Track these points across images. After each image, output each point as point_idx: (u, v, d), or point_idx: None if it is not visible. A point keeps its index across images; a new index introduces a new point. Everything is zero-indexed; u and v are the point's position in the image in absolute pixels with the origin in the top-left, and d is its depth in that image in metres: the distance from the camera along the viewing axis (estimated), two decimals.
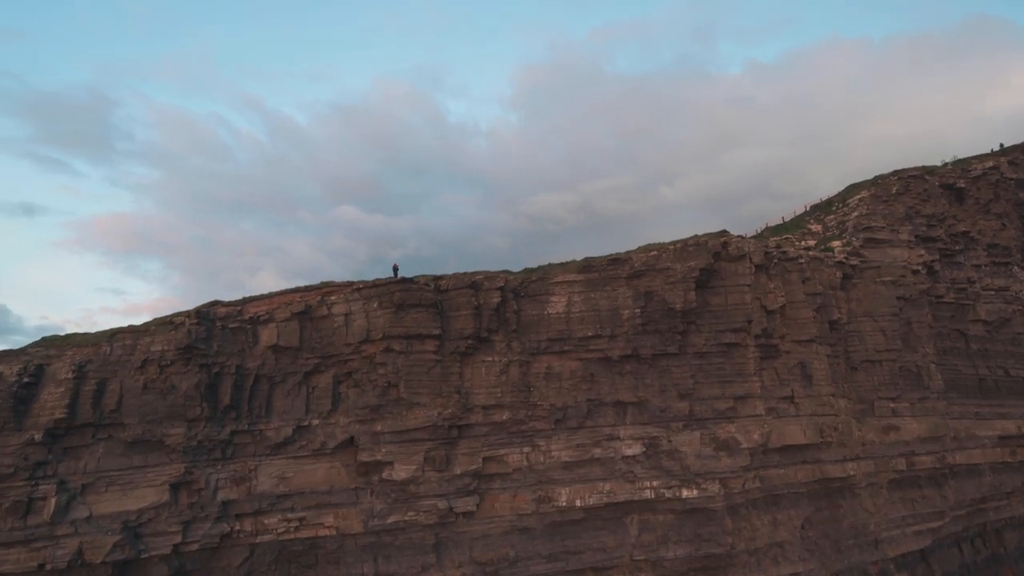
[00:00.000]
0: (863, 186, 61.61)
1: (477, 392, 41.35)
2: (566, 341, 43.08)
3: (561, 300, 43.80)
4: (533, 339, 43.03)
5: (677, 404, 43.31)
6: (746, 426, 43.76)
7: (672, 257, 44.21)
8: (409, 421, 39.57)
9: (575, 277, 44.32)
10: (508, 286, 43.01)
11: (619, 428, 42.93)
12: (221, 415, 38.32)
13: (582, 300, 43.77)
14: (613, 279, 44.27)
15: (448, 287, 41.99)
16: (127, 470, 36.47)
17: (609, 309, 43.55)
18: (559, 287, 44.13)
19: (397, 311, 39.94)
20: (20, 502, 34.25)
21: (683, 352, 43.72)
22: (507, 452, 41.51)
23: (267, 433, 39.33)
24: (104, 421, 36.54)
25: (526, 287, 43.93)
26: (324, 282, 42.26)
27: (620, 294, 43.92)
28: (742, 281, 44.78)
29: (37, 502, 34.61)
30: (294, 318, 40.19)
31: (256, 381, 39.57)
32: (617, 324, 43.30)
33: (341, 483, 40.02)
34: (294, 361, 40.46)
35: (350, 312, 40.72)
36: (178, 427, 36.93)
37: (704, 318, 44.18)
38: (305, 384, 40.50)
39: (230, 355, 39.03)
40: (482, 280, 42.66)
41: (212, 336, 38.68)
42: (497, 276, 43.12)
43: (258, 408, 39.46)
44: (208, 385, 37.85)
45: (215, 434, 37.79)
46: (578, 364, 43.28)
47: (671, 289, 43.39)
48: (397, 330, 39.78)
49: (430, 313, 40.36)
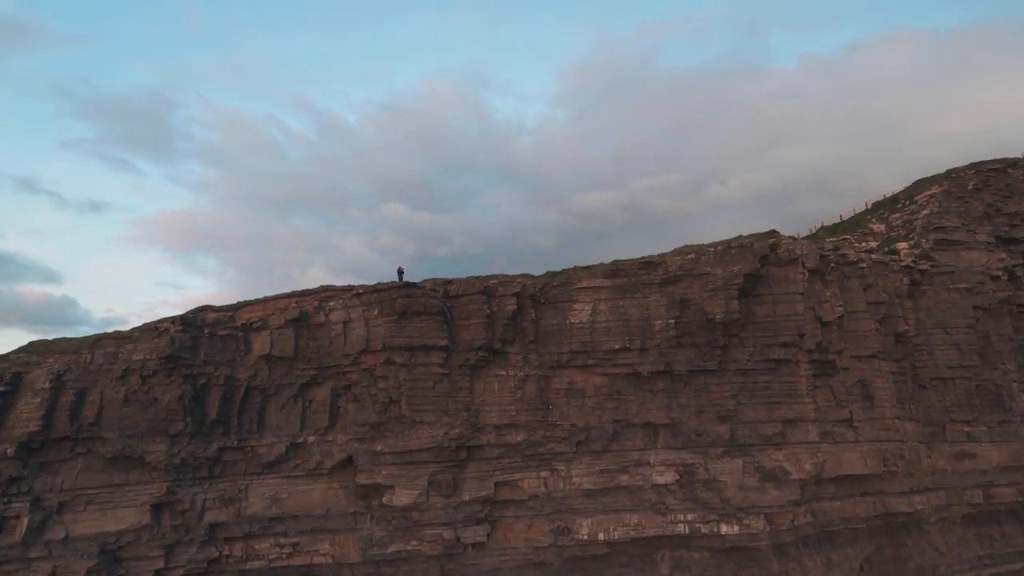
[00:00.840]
0: (934, 181, 54.51)
1: (489, 410, 37.20)
2: (590, 354, 38.51)
3: (585, 308, 39.23)
4: (553, 351, 38.61)
5: (716, 427, 38.23)
6: (796, 453, 38.39)
7: (712, 261, 39.06)
8: (411, 441, 35.72)
9: (601, 282, 39.67)
10: (525, 292, 38.70)
11: (649, 453, 38.15)
12: (208, 430, 35.25)
13: (609, 308, 39.11)
14: (644, 285, 39.43)
15: (458, 293, 37.93)
16: (106, 488, 33.74)
17: (639, 319, 38.75)
18: (583, 293, 39.57)
19: (399, 319, 36.09)
20: None
21: (724, 369, 38.57)
22: (522, 477, 37.28)
23: (259, 450, 36.10)
24: (82, 435, 33.90)
25: (546, 293, 39.53)
26: (324, 286, 38.75)
27: (652, 302, 39.05)
28: (793, 288, 39.26)
29: (9, 521, 32.17)
30: (288, 325, 36.81)
31: (247, 393, 36.37)
32: (648, 336, 38.47)
33: (338, 506, 36.53)
34: (289, 372, 37.10)
35: (349, 319, 37.10)
36: (159, 443, 33.99)
37: (748, 330, 38.89)
38: (301, 397, 37.10)
39: (219, 365, 35.90)
40: (496, 285, 38.46)
41: (199, 344, 35.61)
42: (513, 281, 38.86)
43: (249, 423, 36.26)
44: (193, 398, 34.80)
45: (201, 451, 34.72)
46: (603, 380, 38.66)
47: (710, 297, 38.27)
48: (398, 340, 35.93)
49: (436, 322, 36.37)
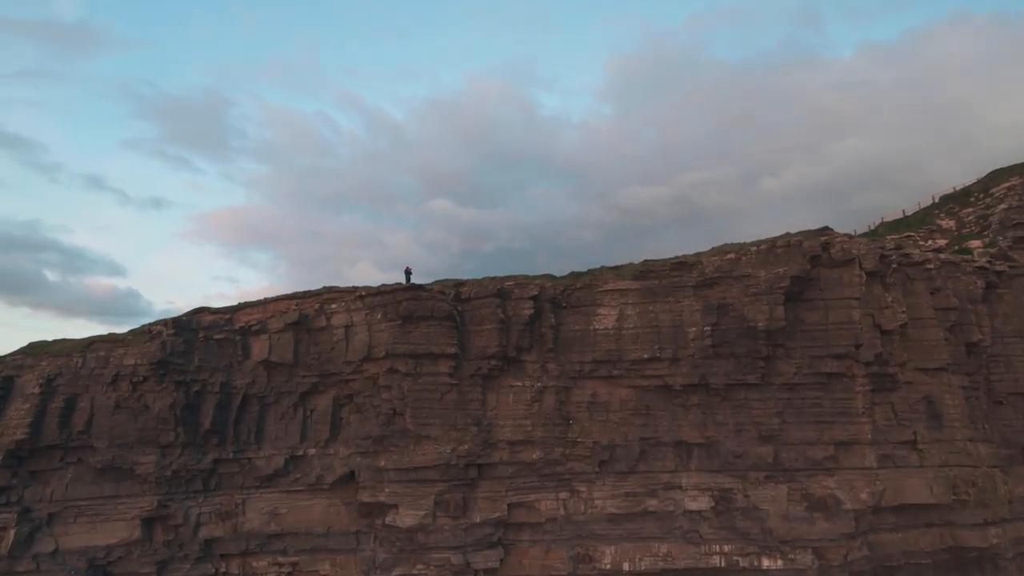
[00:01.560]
0: (1012, 172, 48.56)
1: (502, 424, 33.99)
2: (616, 364, 34.84)
3: (611, 313, 35.56)
4: (575, 360, 35.10)
5: (758, 449, 34.03)
6: (851, 480, 33.86)
7: (754, 261, 34.80)
8: (416, 457, 32.81)
9: (629, 285, 35.92)
10: (544, 295, 35.28)
11: (681, 475, 34.27)
12: (202, 441, 33.17)
13: (637, 313, 35.33)
14: (677, 288, 35.48)
15: (470, 295, 34.81)
16: (97, 500, 32.04)
17: (671, 325, 34.85)
18: (609, 297, 35.90)
19: (403, 324, 33.20)
20: None
21: (767, 383, 34.31)
22: (538, 498, 33.97)
23: (256, 462, 33.85)
24: (72, 443, 32.28)
25: (568, 296, 36.03)
26: (326, 287, 36.26)
27: (686, 307, 35.08)
28: (849, 293, 34.63)
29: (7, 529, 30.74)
30: (288, 329, 34.42)
31: (245, 402, 34.15)
32: (681, 344, 34.55)
33: (340, 524, 33.99)
34: (288, 379, 34.72)
35: (351, 324, 34.44)
36: (150, 454, 32.06)
37: (796, 340, 34.48)
38: (301, 407, 34.68)
39: (214, 371, 33.79)
40: (511, 288, 35.16)
41: (193, 349, 33.56)
42: (530, 283, 35.48)
43: (246, 433, 34.04)
44: (186, 406, 32.75)
45: (194, 463, 32.65)
46: (630, 393, 34.95)
47: (753, 302, 34.04)
48: (402, 347, 33.04)
49: (444, 327, 33.32)
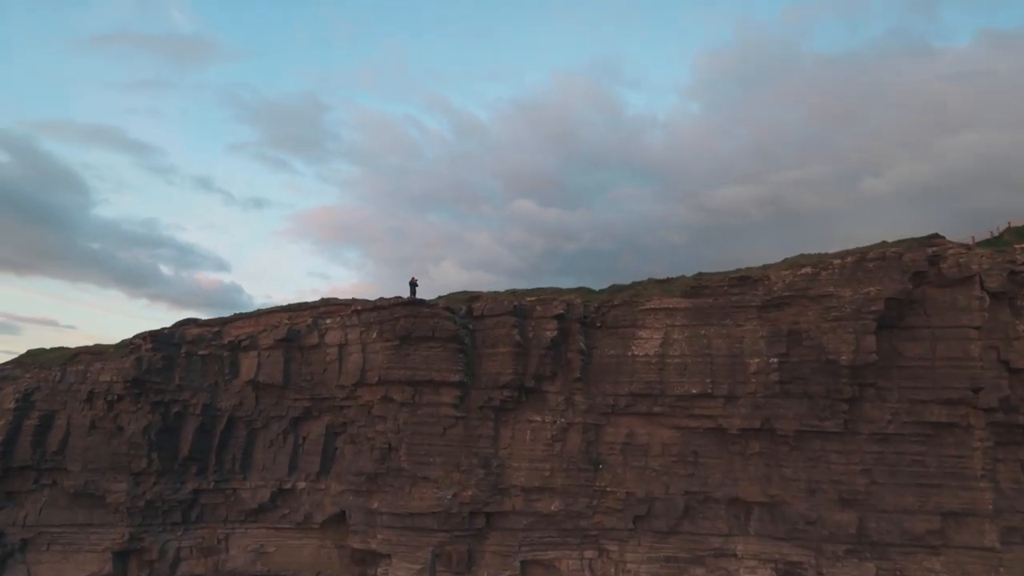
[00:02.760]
0: None
1: (516, 466, 28.63)
2: (658, 399, 28.70)
3: (654, 337, 29.40)
4: (608, 392, 29.23)
5: (837, 514, 26.86)
6: (964, 563, 26.11)
7: (838, 278, 27.56)
8: (413, 502, 28.00)
9: (677, 303, 29.59)
10: (571, 313, 29.58)
11: (736, 540, 27.69)
12: (180, 468, 29.84)
13: (687, 338, 28.97)
14: (737, 308, 28.81)
15: (483, 313, 29.63)
16: (69, 528, 29.38)
17: (728, 354, 28.28)
18: (652, 317, 29.73)
19: (400, 345, 28.45)
20: None
21: (851, 432, 27.06)
22: (558, 556, 28.44)
23: (242, 494, 30.22)
24: (45, 465, 29.77)
25: (602, 314, 30.15)
26: (324, 299, 32.10)
27: (748, 332, 28.38)
28: (966, 320, 26.69)
29: None
30: (278, 346, 30.53)
31: (230, 426, 30.59)
32: (740, 379, 27.92)
33: (331, 569, 29.86)
34: (279, 402, 30.86)
35: (346, 342, 30.09)
36: (121, 481, 29.04)
37: (892, 379, 26.97)
38: (292, 433, 30.74)
39: (196, 391, 30.40)
40: (532, 304, 29.68)
41: (174, 365, 30.29)
42: (555, 299, 29.81)
43: (230, 461, 30.46)
44: (163, 429, 29.53)
45: (170, 492, 29.37)
46: (675, 435, 28.70)
47: (834, 329, 26.89)
48: (398, 372, 28.32)
49: (448, 350, 28.29)
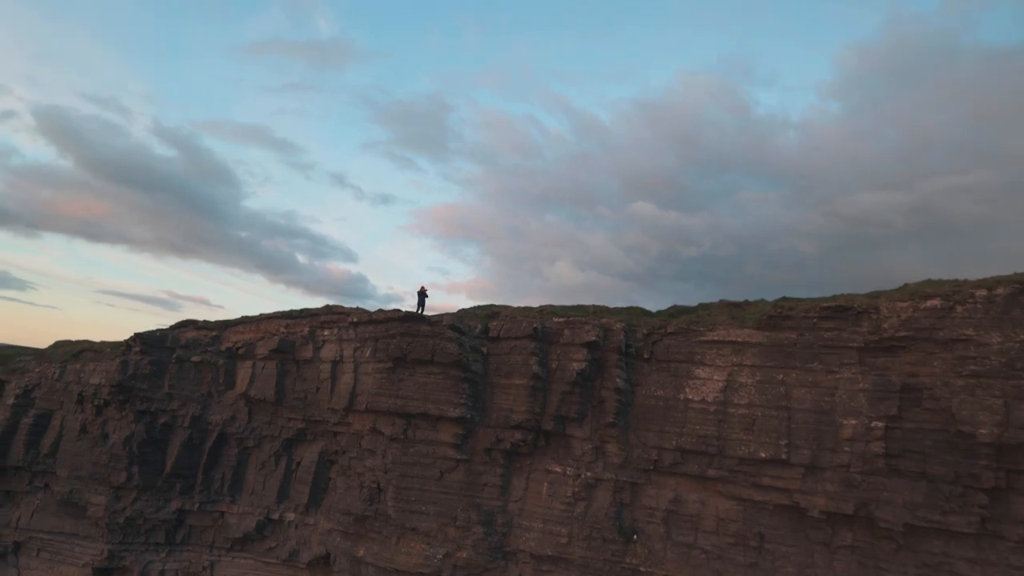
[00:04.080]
0: None
1: (526, 526, 23.16)
2: (716, 459, 22.10)
3: (716, 377, 22.75)
4: (651, 443, 23.01)
5: None
6: None
7: (982, 316, 19.50)
8: (399, 556, 23.35)
9: (749, 335, 22.69)
10: (609, 341, 23.56)
11: None
12: (164, 485, 27.16)
13: (758, 384, 22.07)
14: (831, 349, 21.45)
15: (498, 334, 24.34)
16: (57, 536, 27.64)
17: (814, 410, 21.09)
18: (715, 352, 23.05)
19: (394, 369, 23.83)
20: None
21: (992, 534, 19.03)
22: None
23: (229, 519, 27.10)
24: (37, 467, 28.24)
25: (651, 344, 23.88)
26: (329, 306, 28.14)
27: (844, 383, 21.00)
28: None
29: None
30: (272, 357, 27.04)
31: (221, 442, 27.55)
32: (829, 444, 20.67)
33: None
34: (272, 421, 27.40)
35: (340, 358, 25.97)
36: (101, 494, 26.80)
37: None
38: (285, 456, 27.16)
39: (187, 401, 27.62)
40: (559, 327, 23.96)
41: (163, 372, 27.67)
42: (586, 324, 23.84)
43: (218, 481, 27.42)
44: (148, 441, 26.95)
45: (153, 511, 26.77)
46: (735, 509, 21.95)
47: (972, 389, 18.96)
48: (387, 400, 23.72)
49: (450, 378, 23.28)
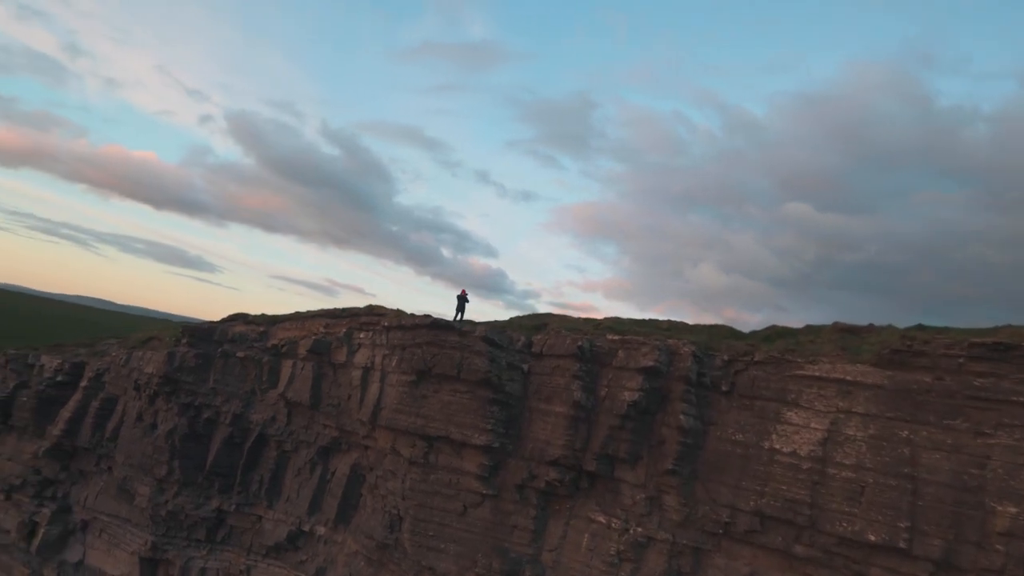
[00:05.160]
0: None
1: None
2: (806, 533, 16.77)
3: (814, 425, 17.33)
4: (723, 501, 18.16)
5: None
6: None
7: None
8: None
9: (864, 373, 16.98)
10: (675, 367, 18.93)
11: None
12: (205, 482, 26.43)
13: (870, 440, 16.39)
14: (981, 402, 15.27)
15: (542, 350, 20.54)
16: (116, 519, 28.03)
17: (954, 485, 15.13)
18: (816, 391, 17.59)
19: (417, 382, 20.86)
20: (24, 522, 29.12)
21: None
22: None
23: (265, 524, 25.86)
24: (101, 450, 28.80)
25: (732, 374, 18.92)
26: (371, 306, 25.81)
27: (1000, 452, 14.80)
28: None
29: (37, 526, 29.02)
30: (309, 358, 25.27)
31: (261, 443, 26.34)
32: (973, 535, 14.69)
33: None
34: (309, 426, 25.69)
35: (371, 365, 23.49)
36: (146, 484, 26.59)
37: None
38: (321, 465, 25.34)
39: (230, 397, 26.69)
40: (613, 347, 19.67)
41: (209, 365, 26.91)
42: (644, 345, 19.29)
43: (256, 483, 26.23)
44: (189, 436, 26.33)
45: (193, 507, 26.14)
46: None
47: None
48: (407, 419, 20.79)
49: (477, 399, 19.88)
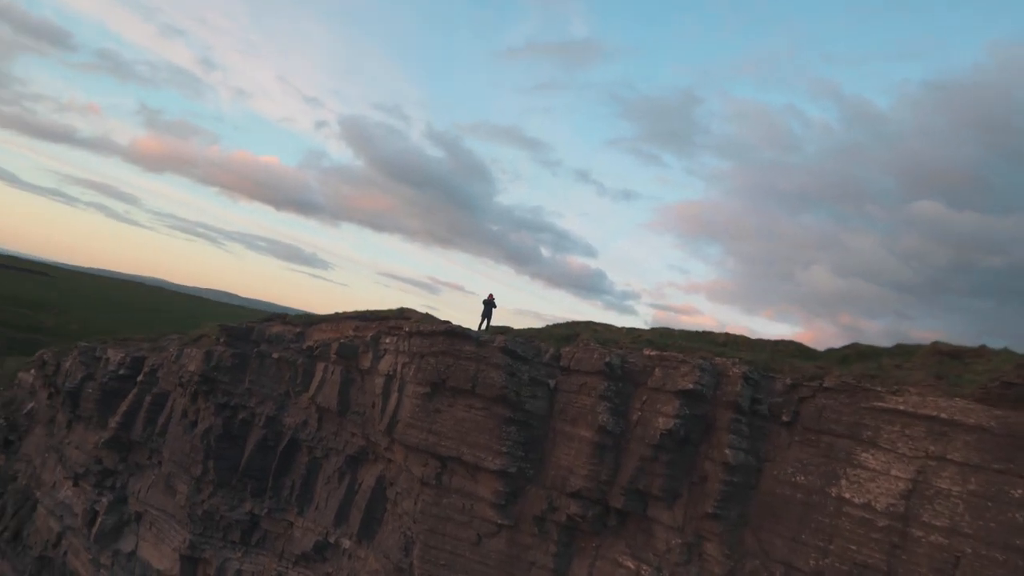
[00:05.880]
0: None
1: None
2: None
3: (896, 471, 13.79)
4: (776, 555, 15.00)
5: None
6: None
7: None
8: None
9: (963, 411, 13.24)
10: (723, 390, 15.92)
11: None
12: (238, 483, 25.99)
13: (969, 497, 12.68)
14: None
15: (569, 364, 18.08)
16: (164, 513, 28.34)
17: None
18: (897, 429, 14.02)
19: (431, 396, 18.96)
20: (87, 510, 30.23)
21: None
22: None
23: (295, 532, 25.08)
24: (151, 444, 29.23)
25: (794, 402, 15.66)
26: (403, 308, 24.19)
27: None
28: None
29: (98, 515, 30.01)
30: (339, 362, 24.09)
31: (293, 447, 25.55)
32: None
33: None
34: (338, 433, 24.55)
35: (394, 373, 21.86)
36: (185, 482, 26.53)
37: None
38: (350, 474, 24.15)
39: (265, 399, 26.08)
40: (648, 365, 16.87)
41: (245, 366, 26.42)
42: (686, 360, 16.33)
43: (288, 488, 25.46)
44: (224, 436, 25.94)
45: (227, 508, 25.79)
46: None
47: None
48: (418, 435, 18.90)
49: (493, 417, 17.69)
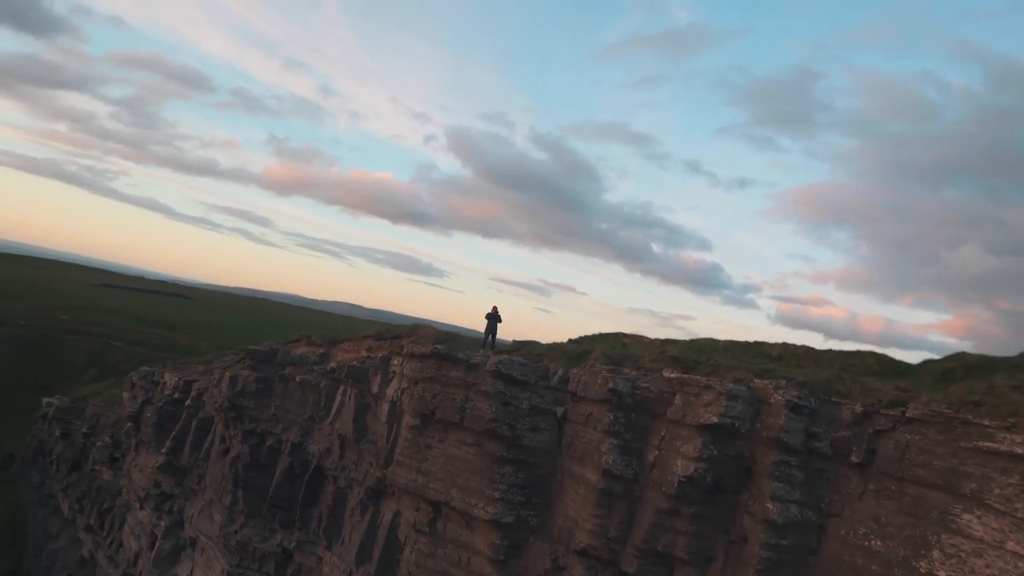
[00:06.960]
0: None
1: None
2: None
3: (1012, 546, 9.59)
4: None
5: None
6: None
7: None
8: None
9: None
10: (763, 423, 12.17)
11: None
12: (268, 513, 24.79)
13: None
14: None
15: (576, 389, 14.89)
16: (211, 540, 27.91)
17: None
18: (1013, 479, 9.77)
19: (422, 428, 16.37)
20: (148, 533, 30.60)
21: None
22: None
23: (324, 567, 23.50)
24: (199, 469, 28.91)
25: (866, 438, 11.64)
26: (416, 326, 21.69)
27: None
28: None
29: (157, 539, 30.27)
30: (353, 386, 22.17)
31: (317, 475, 23.99)
32: None
33: None
34: (358, 462, 22.63)
35: (398, 399, 19.52)
36: (219, 512, 25.73)
37: None
38: (372, 507, 22.17)
39: (290, 425, 24.73)
40: (669, 389, 13.36)
41: (270, 390, 25.21)
42: (712, 385, 12.68)
43: (315, 520, 23.90)
44: (252, 464, 24.85)
45: (259, 540, 24.69)
46: None
47: None
48: (406, 474, 16.32)
49: (485, 455, 14.74)
